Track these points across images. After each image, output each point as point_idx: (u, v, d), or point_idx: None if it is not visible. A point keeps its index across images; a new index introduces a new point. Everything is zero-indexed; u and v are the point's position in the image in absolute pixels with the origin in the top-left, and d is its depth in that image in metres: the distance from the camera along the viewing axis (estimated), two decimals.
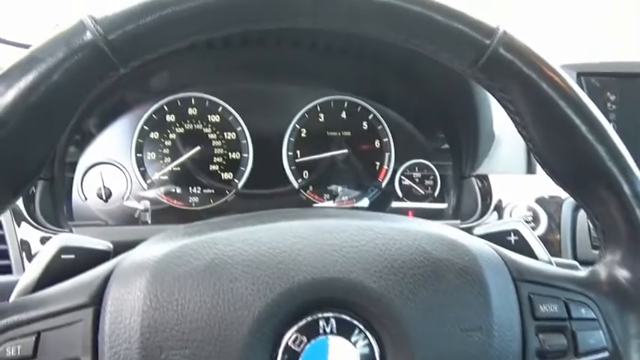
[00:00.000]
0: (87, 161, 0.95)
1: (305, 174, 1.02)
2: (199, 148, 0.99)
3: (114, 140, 0.97)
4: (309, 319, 0.38)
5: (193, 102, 1.00)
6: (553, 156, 0.46)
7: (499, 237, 0.53)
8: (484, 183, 0.94)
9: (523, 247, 0.52)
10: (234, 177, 1.00)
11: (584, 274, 0.47)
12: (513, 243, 0.53)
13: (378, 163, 1.05)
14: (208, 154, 0.99)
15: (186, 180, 0.98)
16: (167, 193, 0.97)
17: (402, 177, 1.04)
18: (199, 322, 0.37)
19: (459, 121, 1.00)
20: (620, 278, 0.46)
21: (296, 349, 0.37)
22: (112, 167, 0.95)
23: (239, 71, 1.03)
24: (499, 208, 0.89)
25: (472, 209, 0.94)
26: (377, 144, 1.05)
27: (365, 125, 1.05)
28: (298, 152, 1.02)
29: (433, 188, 1.04)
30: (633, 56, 1.03)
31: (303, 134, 1.03)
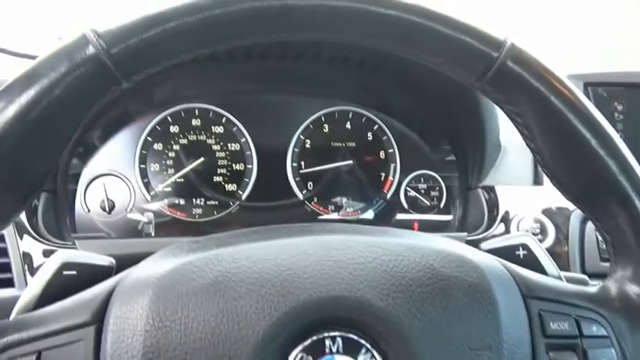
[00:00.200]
0: (90, 173, 0.94)
1: (310, 185, 1.01)
2: (203, 160, 0.98)
3: (117, 152, 0.96)
4: (314, 338, 0.37)
5: (197, 113, 0.99)
6: (562, 169, 0.45)
7: (507, 251, 0.52)
8: (490, 194, 0.93)
9: (532, 262, 0.52)
10: (238, 188, 0.99)
11: (594, 290, 0.47)
12: (522, 257, 0.52)
13: (383, 174, 1.04)
14: (212, 166, 0.99)
15: (189, 191, 0.97)
16: (170, 205, 0.96)
17: (408, 188, 1.03)
18: (203, 342, 0.36)
19: (465, 132, 0.99)
20: (631, 294, 0.45)
21: None
22: (115, 179, 0.95)
23: (243, 82, 1.02)
24: (506, 220, 0.89)
25: (479, 221, 0.93)
26: (382, 155, 1.04)
27: (370, 136, 1.04)
28: (303, 163, 1.01)
29: (439, 200, 1.03)
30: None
31: (307, 145, 1.02)
